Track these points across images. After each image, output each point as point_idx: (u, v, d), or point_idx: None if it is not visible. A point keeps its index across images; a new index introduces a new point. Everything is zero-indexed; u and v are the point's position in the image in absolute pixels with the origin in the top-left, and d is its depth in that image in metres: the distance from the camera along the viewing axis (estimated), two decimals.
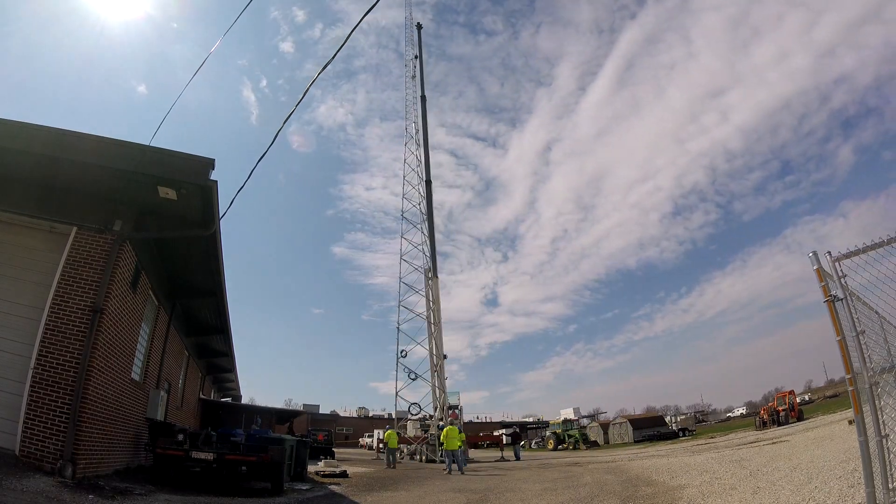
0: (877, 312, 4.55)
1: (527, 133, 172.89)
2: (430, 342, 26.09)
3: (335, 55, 8.34)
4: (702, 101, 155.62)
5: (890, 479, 3.82)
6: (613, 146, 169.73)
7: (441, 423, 28.33)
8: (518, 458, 25.32)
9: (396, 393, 24.24)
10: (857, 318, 4.10)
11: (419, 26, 36.58)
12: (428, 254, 31.05)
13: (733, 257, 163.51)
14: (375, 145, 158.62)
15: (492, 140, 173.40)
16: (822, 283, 4.27)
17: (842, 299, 4.13)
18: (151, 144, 7.69)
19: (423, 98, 35.17)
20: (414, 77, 35.58)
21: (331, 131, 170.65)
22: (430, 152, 33.43)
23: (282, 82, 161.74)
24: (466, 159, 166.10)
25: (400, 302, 27.34)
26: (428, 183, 32.89)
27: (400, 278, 27.97)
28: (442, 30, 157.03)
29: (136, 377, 10.42)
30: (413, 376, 24.47)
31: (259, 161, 8.58)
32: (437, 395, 29.19)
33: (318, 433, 25.57)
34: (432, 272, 30.90)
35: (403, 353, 24.88)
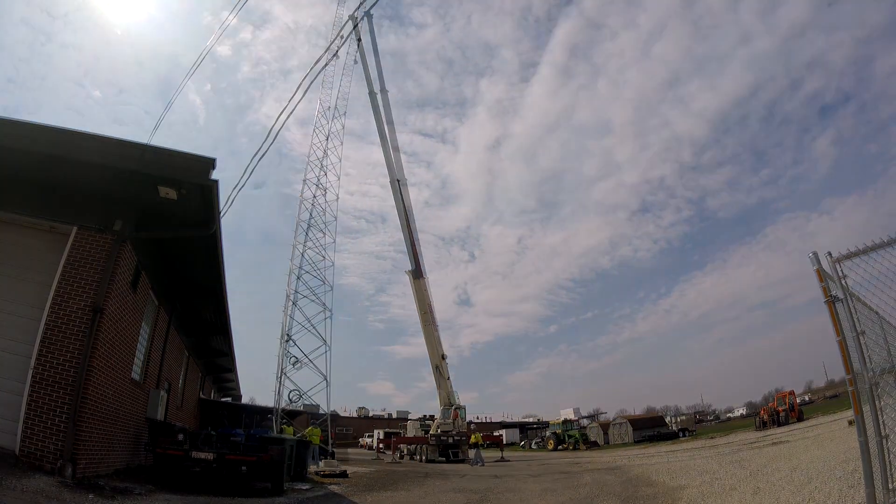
0: (877, 313, 4.55)
1: (476, 127, 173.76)
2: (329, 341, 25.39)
3: (321, 56, 8.34)
4: (659, 91, 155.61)
5: (890, 480, 3.82)
6: (567, 141, 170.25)
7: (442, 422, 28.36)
8: (478, 463, 22.15)
9: (279, 378, 23.76)
10: (858, 319, 4.10)
11: (369, 14, 35.29)
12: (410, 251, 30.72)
13: (712, 257, 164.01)
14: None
15: (440, 136, 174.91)
16: (823, 284, 4.27)
17: (842, 300, 4.13)
18: (151, 144, 7.67)
19: (385, 91, 34.37)
20: (356, 62, 34.64)
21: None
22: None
23: (225, 86, 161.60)
24: (417, 156, 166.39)
25: (299, 276, 26.86)
26: (400, 182, 32.59)
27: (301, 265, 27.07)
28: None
29: (136, 377, 10.42)
30: (298, 365, 24.24)
31: (259, 161, 8.59)
32: (442, 395, 29.14)
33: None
34: (416, 272, 30.70)
35: (288, 338, 24.63)
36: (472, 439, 26.25)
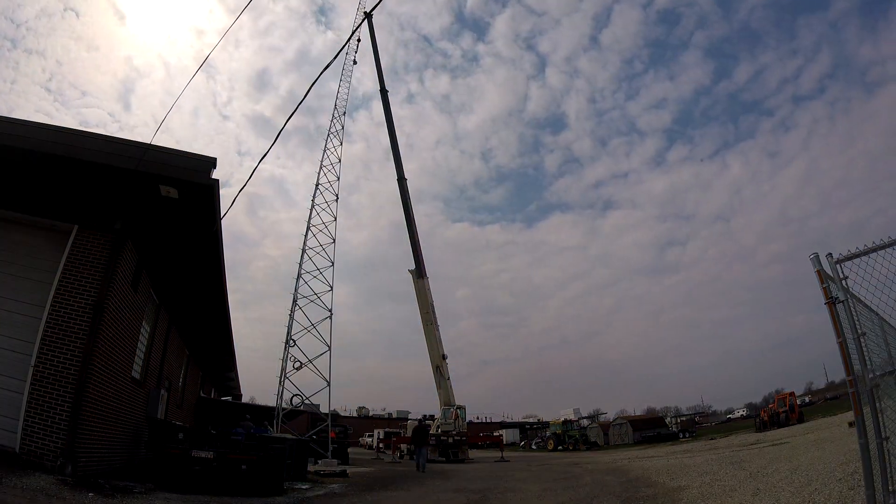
0: (877, 314, 4.54)
1: None
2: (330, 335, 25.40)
3: (335, 57, 8.35)
4: None
5: (890, 482, 3.81)
6: None
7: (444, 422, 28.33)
8: (419, 469, 17.03)
9: (281, 381, 23.74)
10: (858, 321, 4.09)
11: (368, 15, 35.25)
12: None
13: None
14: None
15: None
16: (823, 286, 4.27)
17: (843, 301, 4.12)
18: (153, 143, 7.66)
19: (385, 92, 34.50)
20: (356, 63, 34.77)
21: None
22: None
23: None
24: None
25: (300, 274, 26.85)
26: (403, 180, 32.50)
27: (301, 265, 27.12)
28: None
29: (137, 376, 10.44)
30: (298, 365, 24.16)
31: (260, 161, 8.58)
32: (442, 395, 29.13)
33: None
34: (417, 272, 30.73)
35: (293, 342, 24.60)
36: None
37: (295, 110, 8.25)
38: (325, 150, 29.74)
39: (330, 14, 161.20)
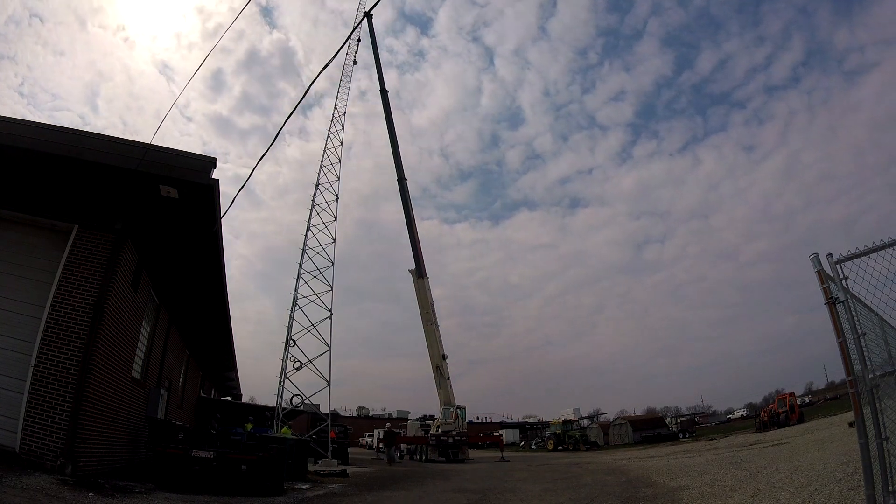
0: (877, 314, 4.54)
1: None
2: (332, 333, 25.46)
3: (334, 56, 8.34)
4: None
5: (890, 482, 3.81)
6: None
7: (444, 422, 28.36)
8: (390, 462, 20.05)
9: (281, 381, 23.72)
10: (858, 321, 4.09)
11: (369, 15, 35.25)
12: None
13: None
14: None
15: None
16: (824, 286, 4.26)
17: (843, 301, 4.12)
18: (153, 143, 7.67)
19: (385, 92, 34.45)
20: (356, 63, 34.80)
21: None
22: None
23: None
24: None
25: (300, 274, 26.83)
26: (403, 180, 32.48)
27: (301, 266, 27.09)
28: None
29: (137, 375, 10.44)
30: (298, 365, 24.19)
31: (260, 160, 8.59)
32: (442, 395, 29.16)
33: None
34: (417, 272, 30.71)
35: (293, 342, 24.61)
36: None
37: (293, 111, 8.25)
38: (324, 150, 29.73)
39: (274, 13, 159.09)
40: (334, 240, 27.72)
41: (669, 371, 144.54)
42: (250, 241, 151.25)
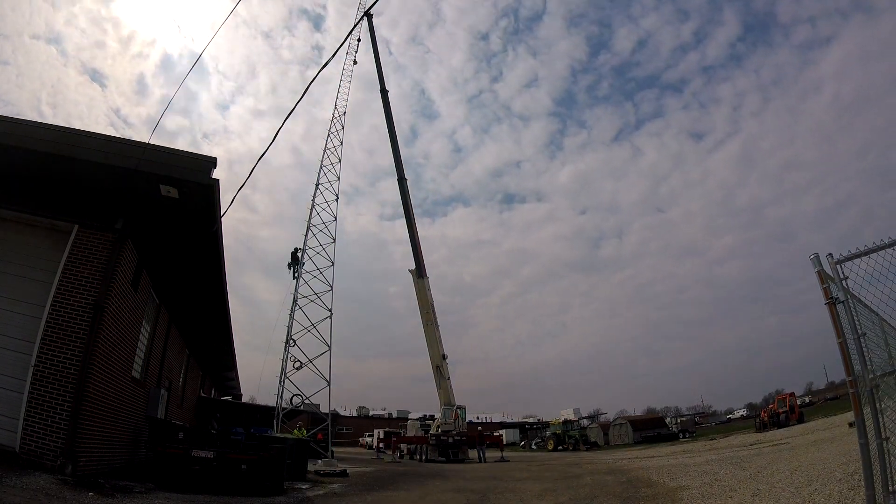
0: (877, 314, 4.54)
1: None
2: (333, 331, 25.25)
3: (332, 56, 8.33)
4: None
5: (890, 482, 3.81)
6: None
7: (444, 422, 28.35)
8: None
9: (281, 381, 23.64)
10: (859, 321, 4.09)
11: (369, 15, 35.11)
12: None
13: None
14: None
15: None
16: (824, 286, 4.26)
17: (843, 302, 4.12)
18: (152, 143, 7.68)
19: (385, 91, 34.28)
20: (356, 63, 34.74)
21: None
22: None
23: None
24: None
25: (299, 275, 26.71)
26: (403, 180, 32.48)
27: (304, 255, 26.83)
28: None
29: (137, 375, 10.44)
30: (298, 365, 24.21)
31: (259, 160, 8.60)
32: (442, 395, 29.14)
33: (318, 432, 25.58)
34: (417, 272, 30.65)
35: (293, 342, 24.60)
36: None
37: (291, 111, 8.26)
38: (324, 150, 29.77)
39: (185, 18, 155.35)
40: (334, 240, 27.76)
41: (651, 371, 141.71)
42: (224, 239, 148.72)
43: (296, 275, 25.86)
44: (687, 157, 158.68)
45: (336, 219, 28.33)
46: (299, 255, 26.27)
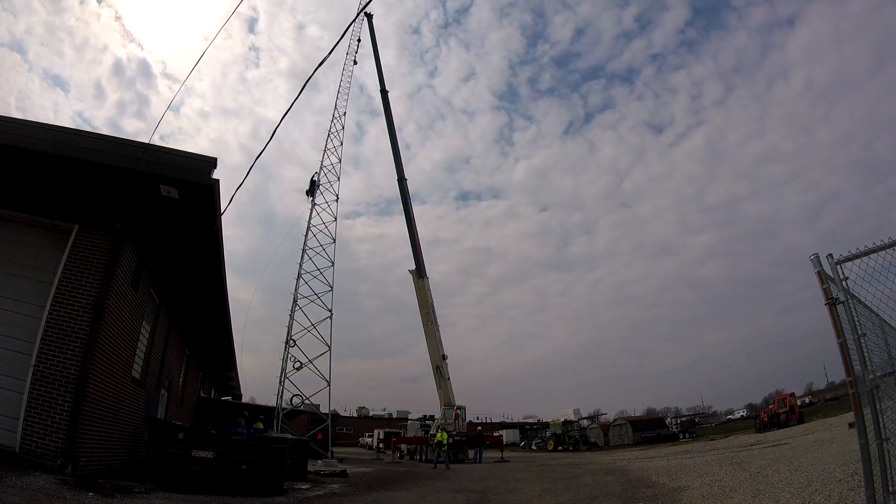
0: (877, 315, 4.54)
1: None
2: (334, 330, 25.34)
3: (328, 55, 8.33)
4: None
5: (890, 483, 3.81)
6: None
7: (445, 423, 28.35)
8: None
9: (281, 381, 23.67)
10: (859, 322, 4.09)
11: (369, 15, 35.04)
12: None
13: None
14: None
15: None
16: (824, 286, 4.26)
17: (843, 302, 4.12)
18: (152, 143, 7.68)
19: (385, 92, 33.97)
20: (356, 64, 34.72)
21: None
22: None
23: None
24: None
25: (299, 274, 26.76)
26: (403, 180, 32.37)
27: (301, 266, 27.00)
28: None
29: (137, 375, 10.44)
30: (298, 365, 24.29)
31: (257, 158, 8.59)
32: (442, 395, 29.15)
33: (317, 432, 25.63)
34: (417, 272, 30.67)
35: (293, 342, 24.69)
36: (438, 437, 24.10)
37: (287, 111, 8.25)
38: (325, 151, 29.79)
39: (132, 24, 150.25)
40: (334, 240, 27.78)
41: (646, 372, 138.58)
42: None
43: (313, 202, 27.78)
44: (648, 150, 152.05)
45: (336, 219, 28.37)
46: (316, 179, 28.00)
